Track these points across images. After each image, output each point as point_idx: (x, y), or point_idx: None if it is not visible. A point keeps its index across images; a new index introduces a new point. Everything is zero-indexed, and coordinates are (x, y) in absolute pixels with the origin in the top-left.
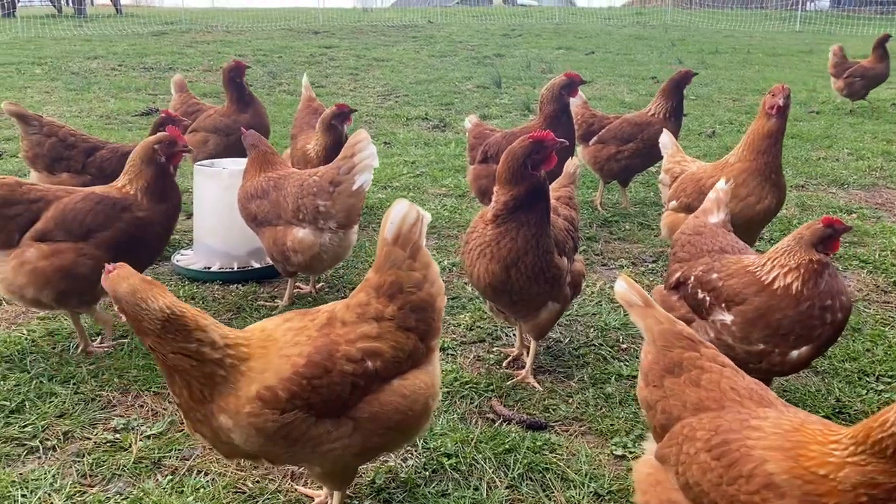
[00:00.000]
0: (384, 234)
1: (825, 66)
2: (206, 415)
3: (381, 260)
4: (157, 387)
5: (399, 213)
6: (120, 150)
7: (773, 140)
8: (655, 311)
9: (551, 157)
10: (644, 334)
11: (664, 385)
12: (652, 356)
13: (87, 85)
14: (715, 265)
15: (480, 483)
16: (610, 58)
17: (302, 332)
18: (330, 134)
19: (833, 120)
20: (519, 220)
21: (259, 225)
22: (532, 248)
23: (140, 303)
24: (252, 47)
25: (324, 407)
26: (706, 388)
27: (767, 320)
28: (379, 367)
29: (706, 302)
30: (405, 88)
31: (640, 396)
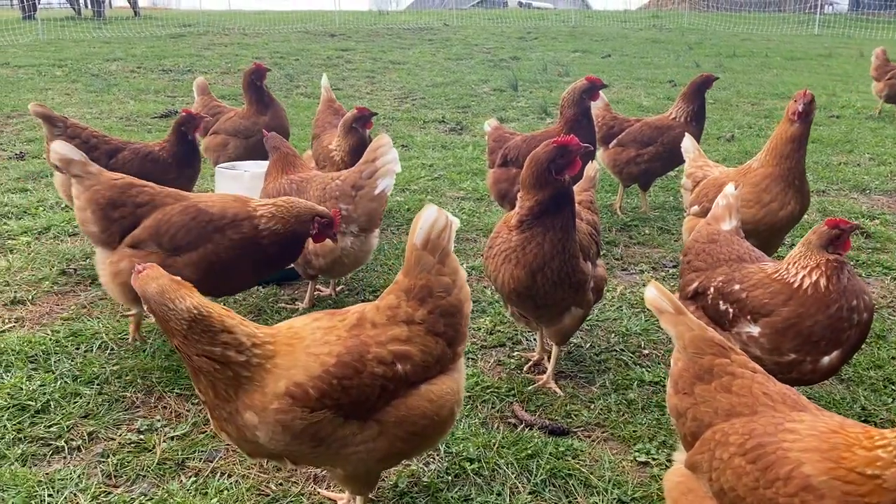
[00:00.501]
0: (413, 240)
1: (844, 70)
2: (232, 412)
3: (410, 264)
4: (180, 388)
5: (429, 218)
6: (141, 151)
7: (796, 145)
8: (687, 318)
9: (575, 162)
10: (674, 341)
11: (695, 392)
12: (682, 363)
13: (106, 87)
14: (736, 275)
15: (503, 488)
16: (626, 61)
17: (331, 331)
18: (352, 136)
19: (853, 124)
20: (544, 226)
21: None
22: (558, 254)
23: (168, 302)
24: (269, 50)
25: (352, 408)
26: (738, 393)
27: (798, 328)
28: (408, 370)
29: (729, 314)
30: (422, 91)
31: (670, 404)
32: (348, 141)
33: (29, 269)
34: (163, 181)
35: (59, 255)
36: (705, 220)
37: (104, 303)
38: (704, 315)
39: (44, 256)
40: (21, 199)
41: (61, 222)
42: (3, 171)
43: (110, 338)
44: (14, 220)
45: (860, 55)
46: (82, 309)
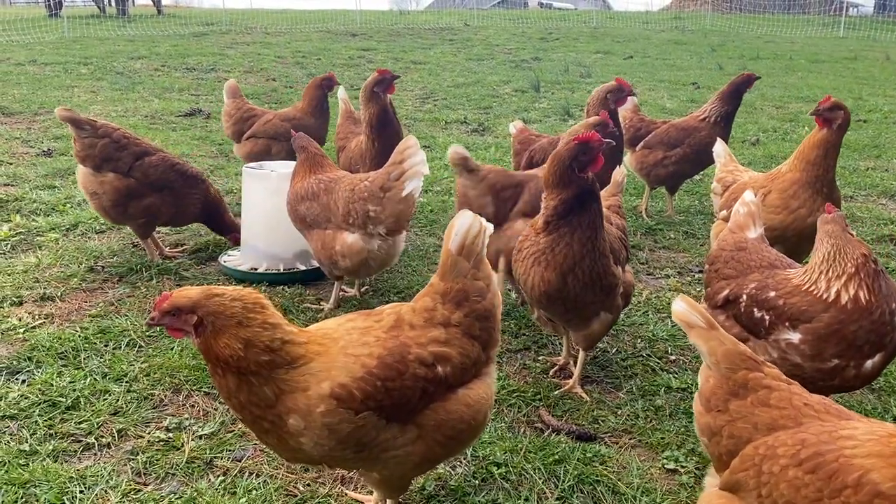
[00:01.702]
0: (449, 245)
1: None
2: (275, 421)
3: (446, 268)
4: (207, 387)
5: (464, 224)
6: (169, 159)
7: (822, 151)
8: (719, 332)
9: (598, 159)
10: (705, 357)
11: (729, 409)
12: (714, 380)
13: (131, 85)
14: (769, 282)
15: (531, 494)
16: (649, 62)
17: (368, 332)
18: (374, 104)
19: (881, 129)
20: (571, 225)
21: (307, 227)
22: (588, 253)
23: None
24: (291, 49)
25: (394, 410)
26: (777, 406)
27: (842, 334)
28: (448, 372)
29: (765, 321)
30: (443, 92)
31: (700, 423)
32: (370, 109)
33: (57, 266)
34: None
35: (86, 251)
36: (728, 229)
37: (132, 300)
38: (737, 324)
39: (72, 253)
40: (49, 195)
41: (89, 219)
42: (31, 167)
43: (138, 335)
44: (42, 217)
45: (886, 58)
46: (110, 306)
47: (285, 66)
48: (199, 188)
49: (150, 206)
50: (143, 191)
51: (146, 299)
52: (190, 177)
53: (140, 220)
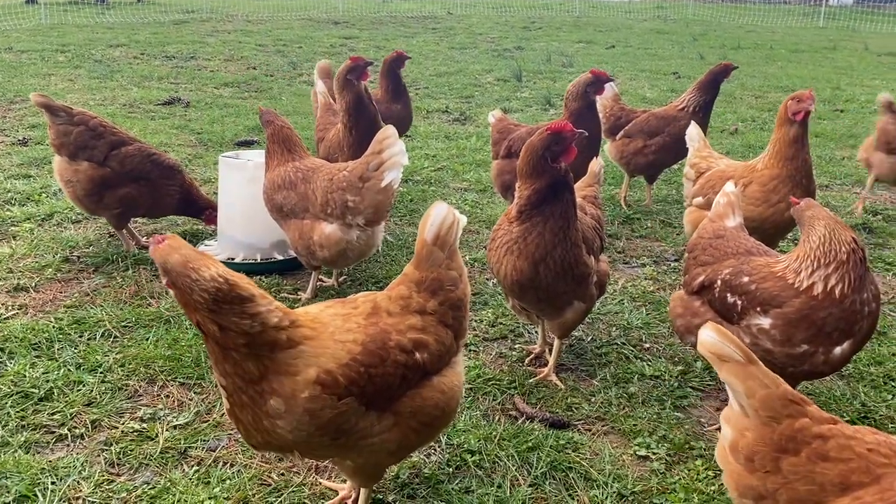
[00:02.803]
0: (424, 235)
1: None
2: (255, 396)
3: (421, 258)
4: (182, 377)
5: (439, 215)
6: (146, 150)
7: (799, 145)
8: (759, 369)
9: (571, 149)
10: (740, 399)
11: (782, 469)
12: (754, 434)
13: (109, 73)
14: (744, 268)
15: (504, 480)
16: (631, 52)
17: (349, 318)
18: (349, 92)
19: (857, 119)
20: (544, 214)
21: (284, 217)
22: (560, 242)
23: (191, 273)
24: (272, 37)
25: (374, 397)
26: (841, 458)
27: (812, 319)
28: (426, 359)
29: (737, 306)
30: (425, 81)
31: (741, 486)
32: (345, 98)
33: (32, 257)
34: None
35: (62, 242)
36: (708, 218)
37: (107, 290)
38: (711, 309)
39: (47, 243)
40: (24, 185)
41: (64, 209)
42: (6, 156)
43: (113, 326)
44: (17, 207)
45: (865, 48)
46: (85, 297)
47: (266, 55)
48: (176, 179)
49: (126, 197)
50: (119, 181)
51: (122, 290)
52: (167, 168)
53: (115, 210)
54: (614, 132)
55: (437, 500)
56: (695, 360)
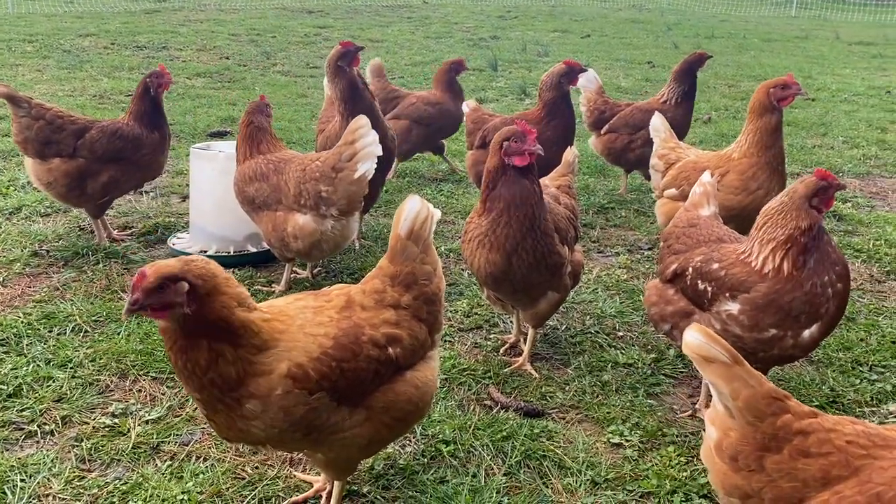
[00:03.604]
0: (398, 230)
1: (820, 53)
2: (231, 403)
3: (395, 252)
4: (155, 371)
5: (412, 209)
6: (109, 128)
7: (778, 133)
8: (744, 370)
9: (525, 155)
10: (725, 402)
11: (766, 467)
12: (738, 434)
13: (79, 63)
14: (714, 255)
15: (478, 470)
16: (606, 41)
17: (320, 312)
18: (341, 79)
19: (828, 107)
20: (505, 200)
21: (256, 209)
22: (529, 232)
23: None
24: (245, 26)
25: (346, 392)
26: (821, 453)
27: (778, 304)
28: (399, 354)
29: (708, 292)
30: (401, 70)
31: (727, 485)
32: (338, 86)
33: (0, 250)
34: (135, 159)
35: (30, 235)
36: (684, 207)
37: (77, 284)
38: (683, 297)
39: (15, 237)
40: None
41: (33, 202)
42: None
43: (84, 320)
44: None
45: (836, 37)
46: (55, 291)
47: (239, 44)
48: (148, 144)
49: (110, 183)
50: (96, 168)
51: (92, 283)
52: (136, 138)
53: (101, 199)
54: (598, 126)
55: (412, 491)
56: (667, 347)
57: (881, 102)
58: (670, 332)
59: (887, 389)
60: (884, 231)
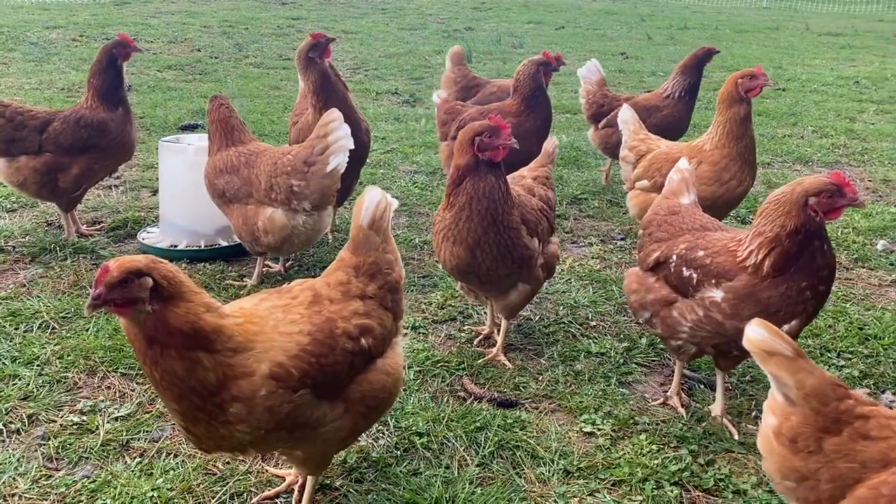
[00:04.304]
0: (360, 221)
1: (790, 43)
2: (213, 410)
3: (358, 242)
4: (124, 368)
5: (373, 199)
6: (71, 117)
7: (748, 123)
8: (807, 362)
9: (499, 149)
10: (788, 392)
11: (824, 448)
12: (799, 418)
13: (46, 56)
14: (699, 242)
15: (451, 461)
16: (580, 33)
17: (290, 310)
18: (312, 71)
19: (798, 97)
20: (468, 196)
21: (227, 202)
22: (490, 226)
23: None
24: (218, 18)
25: (326, 386)
26: (881, 436)
27: (757, 298)
28: (371, 344)
29: (693, 279)
30: (375, 62)
31: (784, 468)
32: (310, 77)
33: None
34: (105, 146)
35: None
36: (662, 195)
37: (45, 281)
38: (666, 284)
39: None
40: None
41: None
42: None
43: (51, 317)
44: None
45: (806, 28)
46: (22, 287)
47: (211, 36)
48: (113, 129)
49: (81, 175)
50: (66, 160)
51: (60, 280)
52: (101, 123)
53: (75, 193)
54: (597, 119)
55: (385, 483)
56: (640, 336)
57: (850, 92)
58: (650, 319)
59: (854, 375)
60: (851, 219)
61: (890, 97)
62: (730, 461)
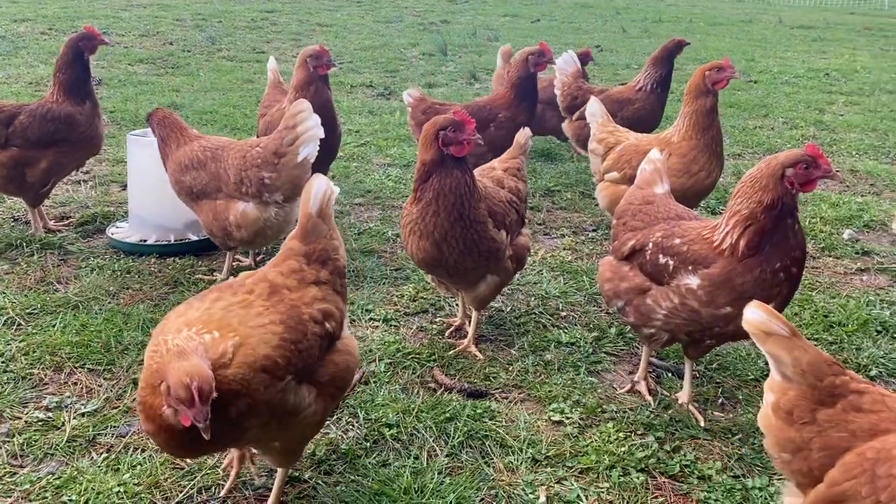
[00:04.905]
0: (309, 209)
1: (763, 36)
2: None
3: (307, 230)
4: (91, 363)
5: (320, 188)
6: (38, 111)
7: (714, 114)
8: (802, 341)
9: (464, 144)
10: (783, 367)
11: (818, 419)
12: (796, 392)
13: (14, 49)
14: (676, 230)
15: (421, 452)
16: (556, 26)
17: (250, 305)
18: (302, 70)
19: (770, 89)
20: (434, 191)
21: (195, 198)
22: (457, 221)
23: None
24: (191, 11)
25: (303, 371)
26: (873, 410)
27: (732, 284)
28: (334, 326)
29: (669, 266)
30: (349, 55)
31: (781, 439)
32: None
33: None
34: (73, 139)
35: None
36: (636, 185)
37: (10, 277)
38: (640, 272)
39: None
40: None
41: None
42: None
43: (17, 313)
44: None
45: (779, 21)
46: None
47: (184, 30)
48: (83, 119)
49: (50, 169)
50: (33, 155)
51: (27, 276)
52: (68, 116)
53: (44, 188)
54: (571, 111)
55: (354, 475)
56: (609, 325)
57: (820, 84)
58: (623, 308)
59: None
60: (819, 209)
61: (859, 89)
62: (695, 447)
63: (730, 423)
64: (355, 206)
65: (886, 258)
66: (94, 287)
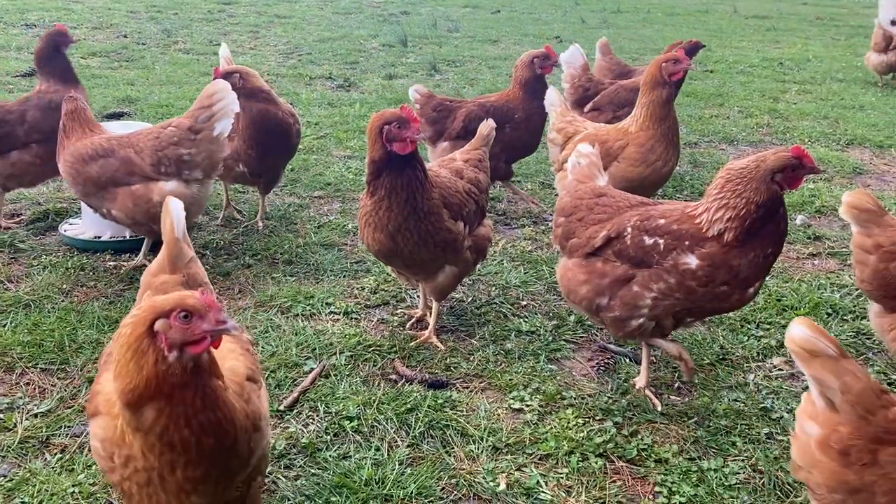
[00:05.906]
0: (175, 234)
1: (719, 26)
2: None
3: (174, 257)
4: (44, 363)
5: (178, 209)
6: (41, 103)
7: (670, 106)
8: (852, 363)
9: (406, 142)
10: (832, 396)
11: (880, 460)
12: (849, 428)
13: None
14: (653, 213)
15: (382, 443)
16: (515, 17)
17: None
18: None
19: (725, 79)
20: (386, 187)
21: (104, 187)
22: (410, 214)
23: None
24: (145, 3)
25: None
26: None
27: (729, 265)
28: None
29: (659, 246)
30: (308, 47)
31: (836, 481)
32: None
33: None
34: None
35: None
36: (576, 180)
37: None
38: (619, 261)
39: None
40: None
41: None
42: None
43: None
44: None
45: (734, 11)
46: None
47: (139, 22)
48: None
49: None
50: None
51: None
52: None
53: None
54: (581, 104)
55: (315, 468)
56: (568, 314)
57: (774, 73)
58: (608, 304)
59: (772, 345)
60: None
61: (811, 78)
62: (653, 431)
63: (686, 407)
64: (315, 199)
65: (837, 243)
66: (46, 285)
